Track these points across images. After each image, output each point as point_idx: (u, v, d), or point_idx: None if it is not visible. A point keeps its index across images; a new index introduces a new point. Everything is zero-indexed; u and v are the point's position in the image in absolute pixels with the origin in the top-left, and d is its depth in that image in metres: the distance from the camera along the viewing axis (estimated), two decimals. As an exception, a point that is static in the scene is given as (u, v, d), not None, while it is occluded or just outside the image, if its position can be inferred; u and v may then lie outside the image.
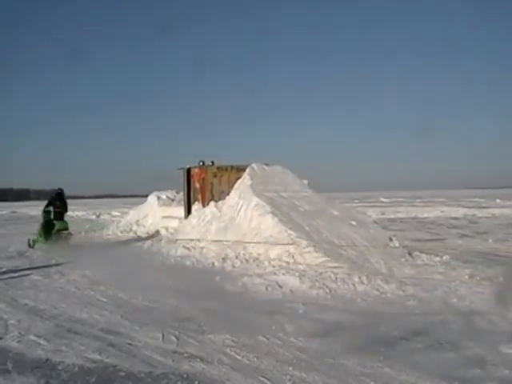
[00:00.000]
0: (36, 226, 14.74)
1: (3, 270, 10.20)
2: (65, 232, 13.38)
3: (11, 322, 6.06)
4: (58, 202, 13.57)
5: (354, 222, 11.46)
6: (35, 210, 47.91)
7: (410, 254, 10.51)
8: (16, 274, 9.59)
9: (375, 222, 12.94)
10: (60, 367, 4.52)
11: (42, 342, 5.26)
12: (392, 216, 27.41)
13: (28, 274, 9.54)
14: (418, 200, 50.79)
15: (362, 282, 7.75)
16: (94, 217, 32.19)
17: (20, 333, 5.59)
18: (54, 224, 13.27)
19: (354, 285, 7.69)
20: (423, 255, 10.65)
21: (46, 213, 13.54)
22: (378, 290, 7.50)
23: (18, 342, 5.30)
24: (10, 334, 5.55)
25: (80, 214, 37.33)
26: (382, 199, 54.50)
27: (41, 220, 13.80)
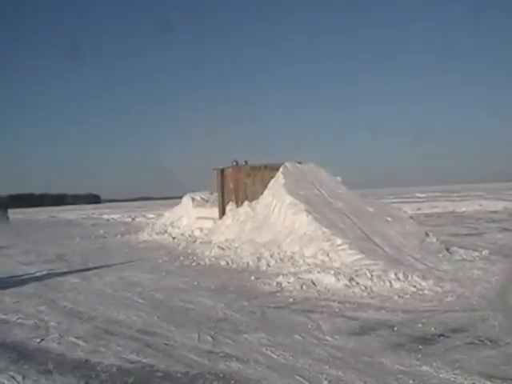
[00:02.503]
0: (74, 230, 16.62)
1: (43, 272, 10.46)
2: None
3: (51, 323, 6.21)
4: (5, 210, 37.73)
5: (389, 218, 11.31)
6: (73, 214, 49.14)
7: (447, 250, 10.32)
8: (55, 277, 9.82)
9: (411, 217, 12.73)
10: (99, 368, 4.59)
11: (81, 343, 5.36)
12: (428, 211, 26.97)
13: (67, 277, 9.77)
14: (455, 194, 49.81)
15: (399, 279, 7.63)
16: (129, 219, 32.67)
17: (60, 334, 5.71)
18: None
19: (390, 282, 7.58)
20: (461, 250, 10.45)
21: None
22: (414, 286, 7.37)
23: (58, 343, 5.41)
24: (51, 336, 5.68)
25: (116, 216, 38.07)
26: (418, 194, 53.73)
27: None
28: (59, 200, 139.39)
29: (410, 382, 3.98)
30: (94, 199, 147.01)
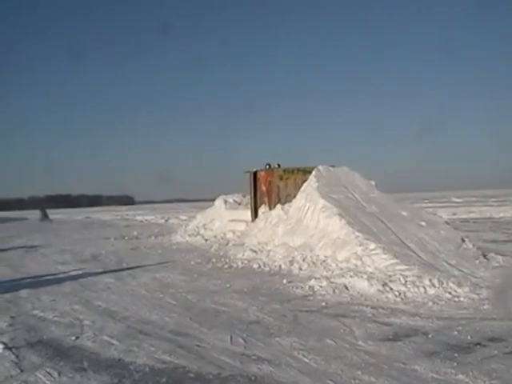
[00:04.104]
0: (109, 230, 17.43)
1: (79, 272, 10.66)
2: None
3: (86, 322, 6.33)
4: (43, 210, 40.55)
5: (423, 223, 11.13)
6: (108, 215, 49.99)
7: (484, 256, 10.09)
8: (90, 277, 10.01)
9: (446, 222, 12.49)
10: (132, 367, 4.65)
11: (114, 342, 5.44)
12: (464, 216, 26.44)
13: (101, 277, 9.94)
14: (493, 199, 48.67)
15: (434, 285, 7.49)
16: (162, 221, 33.05)
17: (94, 333, 5.81)
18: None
19: (424, 288, 7.46)
20: (499, 257, 10.20)
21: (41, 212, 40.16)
22: (450, 293, 7.23)
23: (92, 341, 5.51)
24: (85, 334, 5.79)
25: (149, 218, 38.57)
26: (454, 199, 52.70)
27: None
28: (95, 201, 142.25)
29: (445, 390, 3.91)
30: (128, 201, 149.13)
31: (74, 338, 5.67)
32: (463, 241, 10.72)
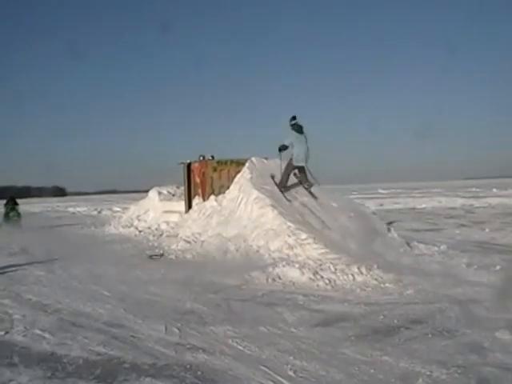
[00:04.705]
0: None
1: (7, 265, 10.26)
2: (15, 218, 20.53)
3: (16, 316, 6.13)
4: (10, 202, 21.12)
5: (352, 214, 11.53)
6: (38, 206, 48.12)
7: (408, 244, 10.61)
8: (19, 270, 9.66)
9: (373, 212, 13.02)
10: (65, 360, 4.59)
11: (46, 335, 5.33)
12: (390, 207, 27.50)
13: (31, 270, 9.62)
14: (416, 191, 50.85)
15: (361, 273, 7.83)
16: (95, 212, 32.30)
17: (25, 327, 5.65)
18: (9, 214, 20.61)
19: (353, 275, 7.77)
20: (421, 245, 10.76)
21: (5, 207, 21.09)
22: (376, 279, 7.58)
23: (23, 336, 5.36)
24: (16, 329, 5.61)
25: (82, 209, 37.56)
26: (380, 190, 54.67)
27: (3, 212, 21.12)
28: (23, 192, 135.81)
29: (371, 371, 4.14)
30: (59, 192, 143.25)
31: (2, 333, 5.48)
32: (389, 230, 11.21)
